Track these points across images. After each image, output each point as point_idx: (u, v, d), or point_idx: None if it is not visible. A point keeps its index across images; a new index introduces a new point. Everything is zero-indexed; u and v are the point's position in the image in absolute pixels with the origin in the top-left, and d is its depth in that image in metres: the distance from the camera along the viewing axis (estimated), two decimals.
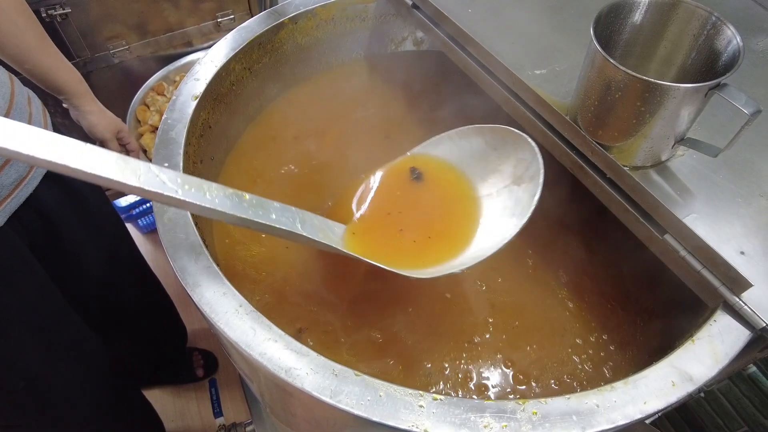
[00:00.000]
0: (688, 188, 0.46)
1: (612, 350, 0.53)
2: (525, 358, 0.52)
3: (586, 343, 0.54)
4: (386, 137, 0.72)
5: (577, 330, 0.54)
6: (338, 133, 0.72)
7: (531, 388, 0.50)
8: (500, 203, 0.50)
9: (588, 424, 0.36)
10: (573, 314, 0.56)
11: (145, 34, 1.16)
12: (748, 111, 0.40)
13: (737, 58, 0.42)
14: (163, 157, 0.53)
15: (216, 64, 0.63)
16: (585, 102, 0.47)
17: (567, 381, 0.51)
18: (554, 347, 0.53)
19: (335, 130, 0.73)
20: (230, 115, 0.67)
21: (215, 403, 1.01)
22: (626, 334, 0.54)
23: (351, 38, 0.78)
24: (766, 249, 0.43)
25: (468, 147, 0.54)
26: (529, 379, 0.51)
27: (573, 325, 0.55)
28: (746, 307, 0.41)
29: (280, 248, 0.59)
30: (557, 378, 0.51)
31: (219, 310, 0.41)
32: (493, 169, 0.52)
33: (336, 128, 0.73)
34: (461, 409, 0.36)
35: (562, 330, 0.54)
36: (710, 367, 0.39)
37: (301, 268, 0.58)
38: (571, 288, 0.58)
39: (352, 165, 0.69)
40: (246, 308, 0.41)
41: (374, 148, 0.71)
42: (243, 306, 0.41)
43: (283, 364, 0.38)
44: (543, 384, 0.50)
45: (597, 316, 0.56)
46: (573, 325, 0.55)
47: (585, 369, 0.52)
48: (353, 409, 0.36)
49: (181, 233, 0.46)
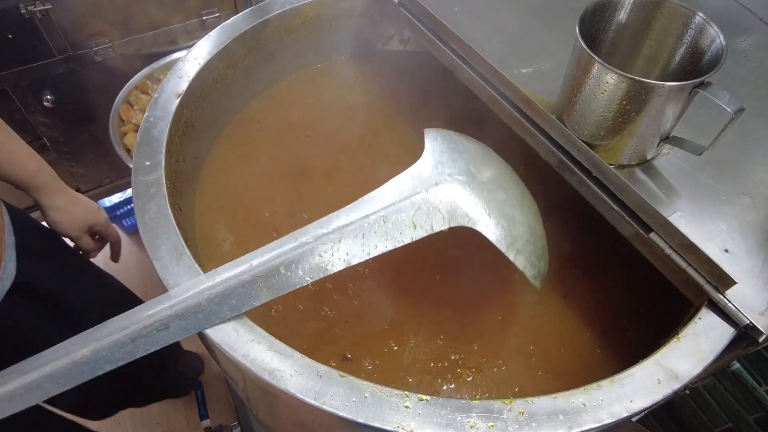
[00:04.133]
0: (674, 187, 0.47)
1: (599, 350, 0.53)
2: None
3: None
4: (375, 135, 0.72)
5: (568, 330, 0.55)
6: (325, 130, 0.72)
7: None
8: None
9: (575, 423, 0.36)
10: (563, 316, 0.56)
11: (129, 32, 1.14)
12: (732, 109, 0.40)
13: (720, 56, 0.42)
14: (145, 155, 0.52)
15: (199, 61, 0.62)
16: (571, 100, 0.47)
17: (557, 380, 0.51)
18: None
19: (322, 128, 0.72)
20: (214, 113, 0.66)
21: (201, 406, 0.99)
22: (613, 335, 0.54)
23: (337, 37, 0.77)
24: (750, 246, 0.43)
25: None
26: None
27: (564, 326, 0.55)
28: (730, 305, 0.41)
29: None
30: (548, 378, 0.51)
31: None
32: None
33: (322, 126, 0.72)
34: (447, 410, 0.35)
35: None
36: (695, 364, 0.39)
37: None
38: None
39: (338, 163, 0.68)
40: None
41: (362, 146, 0.70)
42: None
43: (266, 366, 0.37)
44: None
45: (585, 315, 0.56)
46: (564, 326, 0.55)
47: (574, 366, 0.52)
48: (338, 411, 0.35)
49: (162, 233, 0.45)
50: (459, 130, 0.51)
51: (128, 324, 0.37)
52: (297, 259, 0.40)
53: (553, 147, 0.51)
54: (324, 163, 0.68)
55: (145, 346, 0.37)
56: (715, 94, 0.41)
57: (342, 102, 0.75)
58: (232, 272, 0.40)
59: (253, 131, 0.71)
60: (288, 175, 0.66)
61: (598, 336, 0.54)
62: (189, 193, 0.60)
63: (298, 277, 0.40)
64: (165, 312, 0.38)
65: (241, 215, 0.62)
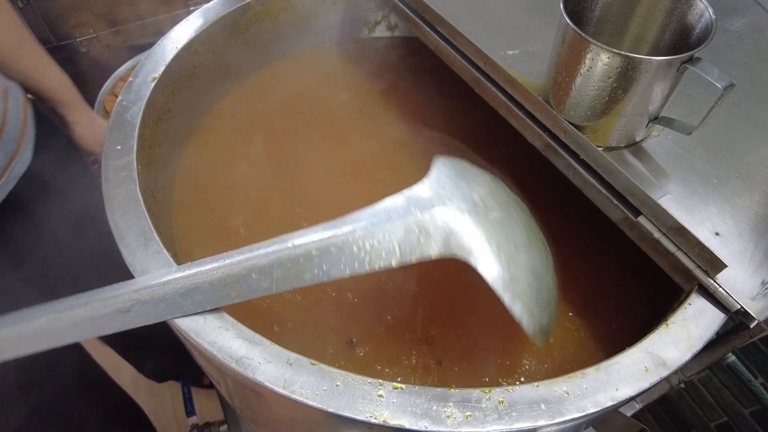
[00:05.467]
0: (663, 169, 0.45)
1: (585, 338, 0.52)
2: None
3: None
4: (359, 125, 0.70)
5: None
6: (309, 120, 0.70)
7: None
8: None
9: (557, 413, 0.34)
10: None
11: (114, 23, 1.12)
12: (721, 85, 0.38)
13: (710, 31, 0.40)
14: (116, 139, 0.50)
15: (177, 45, 0.60)
16: (557, 80, 0.46)
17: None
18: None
19: (306, 117, 0.70)
20: (193, 99, 0.64)
21: (188, 402, 0.98)
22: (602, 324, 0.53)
23: (321, 22, 0.75)
24: (742, 230, 0.42)
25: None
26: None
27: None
28: (721, 289, 0.39)
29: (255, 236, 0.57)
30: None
31: None
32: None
33: (306, 115, 0.70)
34: (423, 398, 0.34)
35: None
36: (684, 351, 0.37)
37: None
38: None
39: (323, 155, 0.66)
40: None
41: (347, 135, 0.69)
42: None
43: (234, 354, 0.35)
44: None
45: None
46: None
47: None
48: (307, 400, 0.33)
49: (131, 218, 0.43)
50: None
51: (89, 301, 0.36)
52: (270, 265, 0.37)
53: (539, 129, 0.50)
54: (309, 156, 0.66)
55: (102, 326, 0.36)
56: (704, 70, 0.39)
57: (326, 91, 0.74)
58: (202, 268, 0.38)
59: (234, 119, 0.69)
60: (268, 167, 0.64)
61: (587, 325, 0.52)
62: (165, 180, 0.58)
63: (269, 283, 0.37)
64: (129, 296, 0.36)
65: (221, 205, 0.60)
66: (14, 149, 0.65)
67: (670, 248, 0.42)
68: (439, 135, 0.68)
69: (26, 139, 0.68)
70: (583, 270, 0.56)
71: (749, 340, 0.43)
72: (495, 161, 0.57)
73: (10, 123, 0.64)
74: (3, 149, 0.63)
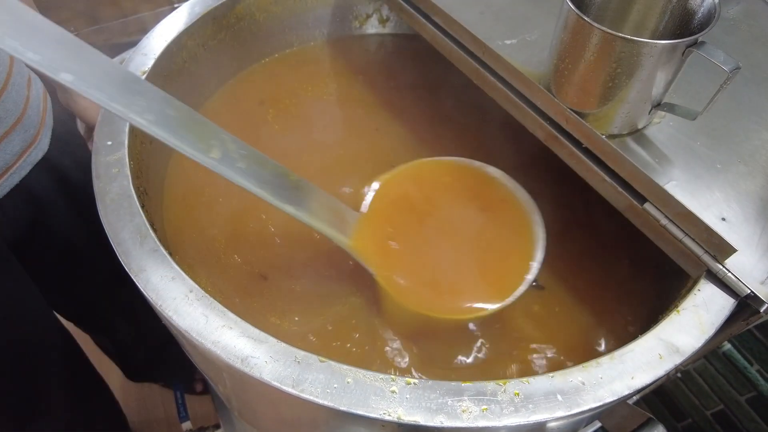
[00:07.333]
0: (667, 155, 0.45)
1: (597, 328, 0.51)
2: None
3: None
4: (350, 121, 0.69)
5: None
6: (302, 115, 0.69)
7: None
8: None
9: (574, 403, 0.33)
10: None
11: (96, 21, 1.09)
12: (728, 68, 0.38)
13: (713, 15, 0.40)
14: (106, 134, 0.48)
15: (166, 38, 0.58)
16: (559, 67, 0.45)
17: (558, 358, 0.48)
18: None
19: (296, 112, 0.69)
20: (183, 94, 0.62)
21: (181, 407, 0.95)
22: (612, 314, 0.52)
23: (312, 15, 0.74)
24: (748, 215, 0.42)
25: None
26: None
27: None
28: (730, 275, 0.39)
29: (246, 228, 0.55)
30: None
31: (166, 296, 0.37)
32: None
33: (297, 110, 0.69)
34: (437, 393, 0.33)
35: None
36: (697, 337, 0.37)
37: (271, 252, 0.54)
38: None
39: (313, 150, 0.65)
40: (197, 294, 0.37)
41: (345, 132, 0.67)
42: (194, 291, 0.37)
43: (239, 353, 0.34)
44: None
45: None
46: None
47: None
48: (318, 399, 0.32)
49: (125, 215, 0.42)
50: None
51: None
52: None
53: (540, 119, 0.49)
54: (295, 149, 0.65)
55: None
56: (709, 53, 0.39)
57: (319, 89, 0.72)
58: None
59: (226, 116, 0.67)
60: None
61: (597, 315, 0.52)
62: (157, 178, 0.56)
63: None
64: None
65: (213, 201, 0.59)
66: (33, 135, 0.67)
67: (677, 234, 0.42)
68: (438, 134, 0.67)
69: (45, 128, 0.70)
70: (587, 259, 0.56)
71: (746, 328, 0.43)
72: (492, 157, 0.56)
73: (31, 109, 0.66)
74: (23, 134, 0.65)
